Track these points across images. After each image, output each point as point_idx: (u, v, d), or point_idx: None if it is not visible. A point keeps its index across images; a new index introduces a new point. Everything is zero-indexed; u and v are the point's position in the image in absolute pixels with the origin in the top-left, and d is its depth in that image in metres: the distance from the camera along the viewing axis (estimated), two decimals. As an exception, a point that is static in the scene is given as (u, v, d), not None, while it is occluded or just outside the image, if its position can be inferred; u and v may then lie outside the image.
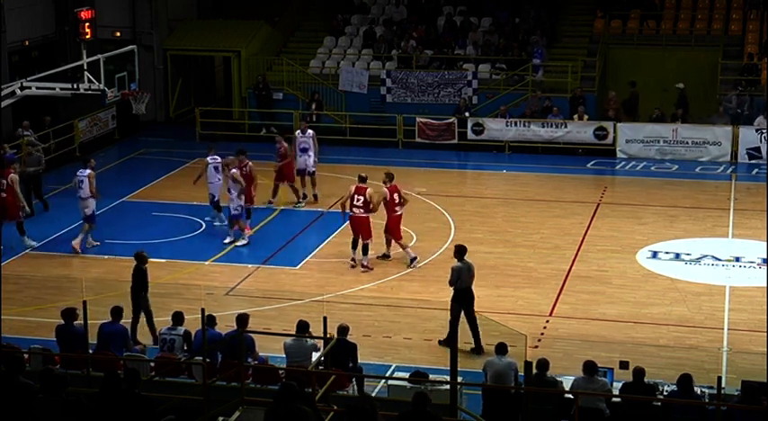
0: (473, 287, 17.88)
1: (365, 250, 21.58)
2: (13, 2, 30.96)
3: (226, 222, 23.68)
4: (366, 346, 15.69)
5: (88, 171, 22.79)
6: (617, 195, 27.61)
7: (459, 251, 18.01)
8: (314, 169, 26.24)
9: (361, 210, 21.58)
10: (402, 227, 22.12)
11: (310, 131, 26.37)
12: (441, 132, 31.81)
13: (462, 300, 17.60)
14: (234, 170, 22.96)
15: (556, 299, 20.14)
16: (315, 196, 26.22)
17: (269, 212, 25.29)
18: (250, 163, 23.51)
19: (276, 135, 25.80)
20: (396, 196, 21.83)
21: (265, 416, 10.45)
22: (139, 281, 17.94)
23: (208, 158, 24.21)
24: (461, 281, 17.66)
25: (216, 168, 23.96)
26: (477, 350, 17.39)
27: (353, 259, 21.74)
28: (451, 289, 17.77)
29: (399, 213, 21.85)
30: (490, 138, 31.55)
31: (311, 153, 26.09)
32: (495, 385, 14.39)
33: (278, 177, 25.74)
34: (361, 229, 21.61)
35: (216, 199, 24.11)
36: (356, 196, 21.64)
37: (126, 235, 23.43)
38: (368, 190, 21.70)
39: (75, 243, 22.68)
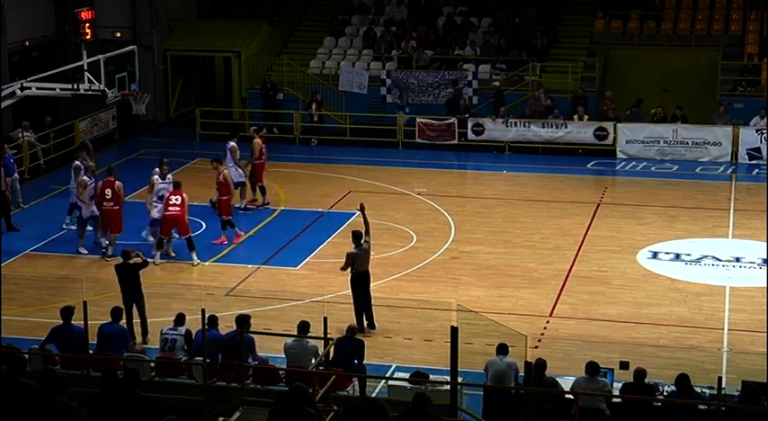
0: (369, 269, 18.81)
1: (263, 191, 25.82)
2: (13, 2, 30.98)
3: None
4: (366, 346, 15.70)
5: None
6: (617, 196, 27.61)
7: (356, 237, 18.82)
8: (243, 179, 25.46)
9: (264, 158, 25.89)
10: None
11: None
12: (441, 133, 31.80)
13: (360, 282, 18.62)
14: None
15: (556, 299, 20.14)
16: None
17: (268, 213, 25.30)
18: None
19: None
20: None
21: (269, 416, 10.44)
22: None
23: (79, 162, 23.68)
24: (357, 265, 18.61)
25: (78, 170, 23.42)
26: (370, 326, 18.62)
27: (255, 200, 25.82)
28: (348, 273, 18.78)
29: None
30: (490, 138, 31.54)
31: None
32: (495, 385, 14.40)
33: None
34: (263, 174, 25.83)
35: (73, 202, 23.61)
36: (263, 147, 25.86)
37: (126, 235, 23.38)
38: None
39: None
